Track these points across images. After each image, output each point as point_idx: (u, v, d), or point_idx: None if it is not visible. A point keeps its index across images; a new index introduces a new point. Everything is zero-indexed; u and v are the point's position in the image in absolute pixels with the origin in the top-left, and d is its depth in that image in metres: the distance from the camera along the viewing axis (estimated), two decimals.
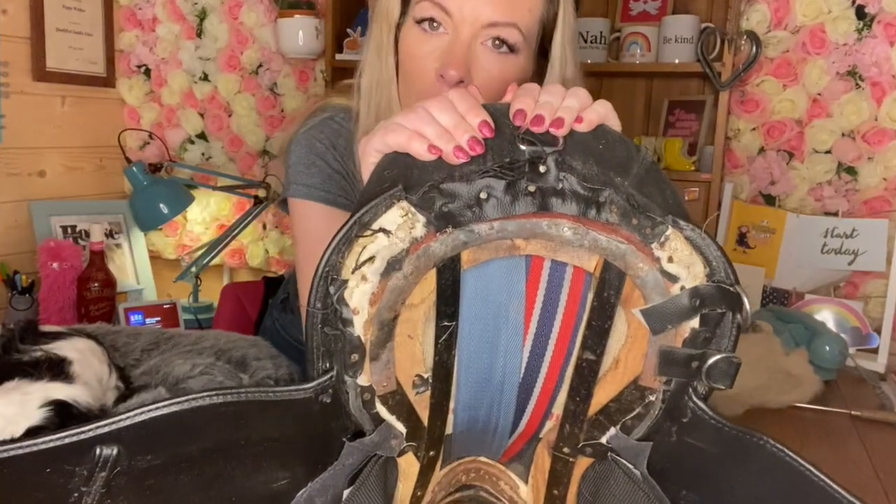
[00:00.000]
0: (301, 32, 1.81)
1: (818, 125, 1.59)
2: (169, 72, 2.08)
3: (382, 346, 0.52)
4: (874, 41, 1.53)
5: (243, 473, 0.53)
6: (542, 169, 0.50)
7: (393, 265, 0.49)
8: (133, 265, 1.95)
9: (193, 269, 1.90)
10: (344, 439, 0.54)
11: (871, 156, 1.56)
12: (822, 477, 0.48)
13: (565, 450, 0.58)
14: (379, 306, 0.50)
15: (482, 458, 0.63)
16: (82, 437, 0.48)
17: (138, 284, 1.96)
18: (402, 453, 0.57)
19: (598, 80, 1.85)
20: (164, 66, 2.08)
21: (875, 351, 1.47)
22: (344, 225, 0.49)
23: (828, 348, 1.28)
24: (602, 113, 0.55)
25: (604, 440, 0.57)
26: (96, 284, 1.68)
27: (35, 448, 0.47)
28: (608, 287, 0.51)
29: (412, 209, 0.49)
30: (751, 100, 1.65)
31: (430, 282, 0.51)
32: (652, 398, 0.54)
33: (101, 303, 1.69)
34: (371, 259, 0.49)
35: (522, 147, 0.50)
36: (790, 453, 0.49)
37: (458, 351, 0.55)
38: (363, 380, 0.52)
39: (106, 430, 0.48)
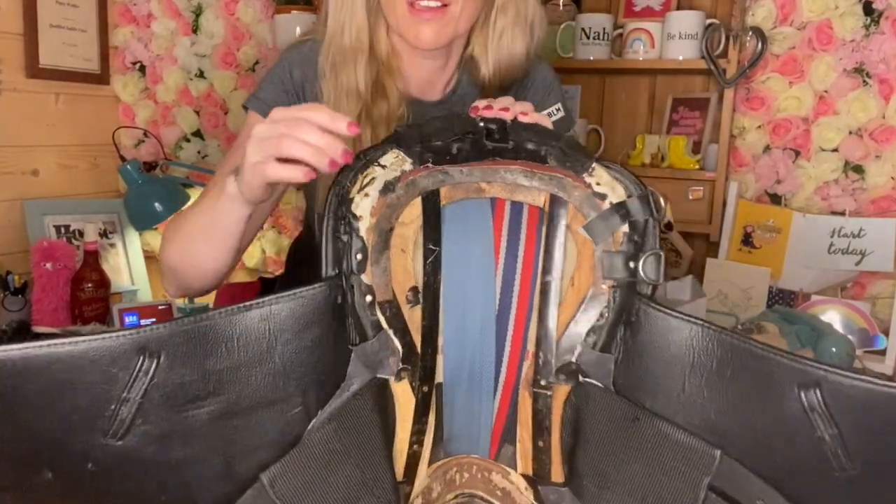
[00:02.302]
0: (299, 28, 1.78)
1: (825, 123, 1.57)
2: (164, 69, 2.04)
3: (381, 253, 0.66)
4: (882, 37, 1.51)
5: (262, 396, 0.61)
6: (496, 136, 0.68)
7: (388, 186, 0.66)
8: (128, 265, 1.93)
9: None
10: (350, 346, 0.65)
11: (879, 154, 1.54)
12: (757, 344, 0.59)
13: (542, 382, 0.68)
14: (378, 217, 0.65)
15: (474, 457, 0.70)
16: (133, 336, 0.55)
17: (133, 285, 1.93)
18: (399, 378, 0.67)
19: (600, 77, 1.83)
20: (159, 62, 2.05)
21: (882, 353, 1.46)
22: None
23: (834, 350, 1.26)
24: (541, 118, 0.71)
25: (573, 359, 0.67)
26: (90, 285, 1.65)
27: (85, 343, 0.53)
28: (556, 216, 0.67)
29: (402, 153, 0.67)
30: (756, 97, 1.62)
31: (417, 207, 0.67)
32: (606, 308, 0.66)
33: (95, 304, 1.66)
34: (372, 180, 0.65)
35: (480, 123, 0.69)
36: (724, 328, 0.61)
37: (443, 276, 0.68)
38: (366, 278, 0.65)
39: (153, 332, 0.55)
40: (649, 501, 0.63)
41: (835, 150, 1.58)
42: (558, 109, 1.14)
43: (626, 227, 0.65)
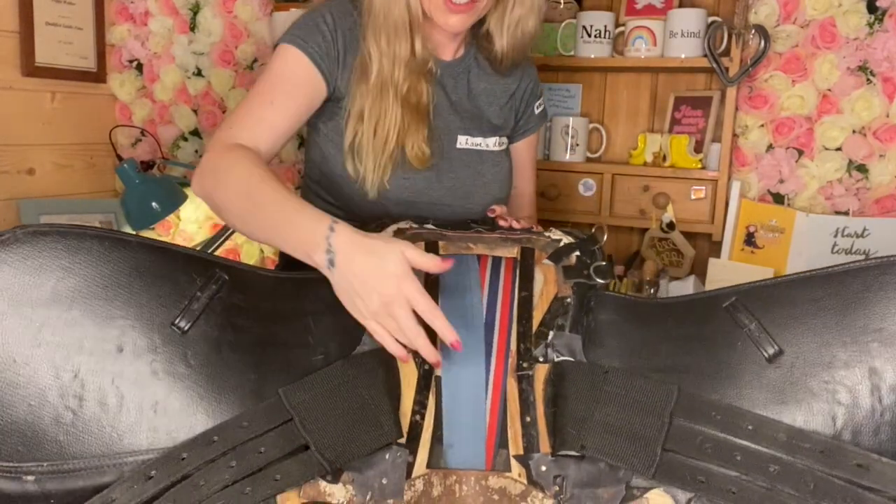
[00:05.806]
0: None
1: (828, 122, 1.56)
2: (161, 67, 2.03)
3: None
4: (886, 35, 1.49)
5: (292, 340, 0.79)
6: (479, 222, 1.02)
7: (399, 232, 0.94)
8: None
9: None
10: None
11: (883, 153, 1.53)
12: (684, 296, 0.87)
13: (524, 365, 0.83)
14: None
15: (472, 471, 0.78)
16: (209, 256, 0.81)
17: None
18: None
19: (602, 76, 1.82)
20: (156, 60, 2.03)
21: None
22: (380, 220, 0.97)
23: None
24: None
25: (548, 341, 0.84)
26: None
27: (181, 249, 0.78)
28: (526, 259, 0.92)
29: (410, 222, 0.97)
30: (759, 96, 1.61)
31: (421, 246, 0.91)
32: (569, 300, 0.87)
33: None
34: (385, 227, 0.95)
35: (473, 224, 1.01)
36: (659, 297, 0.95)
37: (440, 290, 0.87)
38: None
39: (223, 260, 0.80)
40: (623, 433, 0.76)
41: (838, 149, 1.56)
42: (540, 104, 1.29)
43: (577, 253, 0.92)
